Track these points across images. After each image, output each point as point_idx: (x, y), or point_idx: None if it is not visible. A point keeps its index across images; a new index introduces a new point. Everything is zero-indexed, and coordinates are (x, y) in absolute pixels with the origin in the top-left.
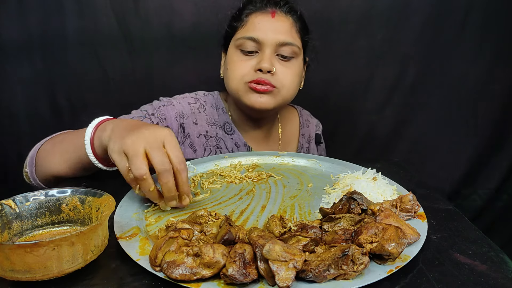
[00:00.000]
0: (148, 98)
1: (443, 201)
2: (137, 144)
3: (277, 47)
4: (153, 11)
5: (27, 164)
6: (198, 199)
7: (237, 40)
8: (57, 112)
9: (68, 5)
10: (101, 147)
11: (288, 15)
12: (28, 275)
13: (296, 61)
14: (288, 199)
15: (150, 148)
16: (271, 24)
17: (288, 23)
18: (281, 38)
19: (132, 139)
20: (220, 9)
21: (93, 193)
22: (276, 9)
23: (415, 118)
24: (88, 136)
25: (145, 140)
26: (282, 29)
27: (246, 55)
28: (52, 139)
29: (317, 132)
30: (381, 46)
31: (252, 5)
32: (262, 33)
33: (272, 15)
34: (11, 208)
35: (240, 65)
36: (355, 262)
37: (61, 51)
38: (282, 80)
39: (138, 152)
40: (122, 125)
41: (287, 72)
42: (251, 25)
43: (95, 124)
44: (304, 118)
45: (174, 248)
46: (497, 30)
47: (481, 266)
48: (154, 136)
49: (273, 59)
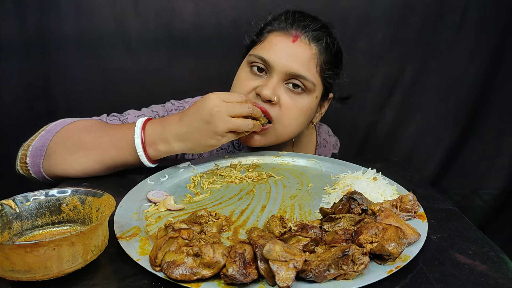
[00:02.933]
0: (147, 98)
1: (443, 201)
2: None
3: (287, 76)
4: (153, 11)
5: (29, 155)
6: (198, 199)
7: (250, 56)
8: (55, 112)
9: (67, 5)
10: (164, 142)
11: (312, 44)
12: (28, 275)
13: (307, 98)
14: (288, 199)
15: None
16: (288, 49)
17: (309, 53)
18: (293, 67)
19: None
20: (220, 9)
21: (93, 193)
22: (300, 33)
23: (415, 118)
24: (138, 135)
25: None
26: (299, 58)
27: (254, 74)
28: (68, 132)
29: (333, 151)
30: (380, 46)
31: (276, 23)
32: (275, 56)
33: (294, 40)
34: (11, 208)
35: (243, 83)
36: (355, 262)
37: (60, 51)
38: (282, 114)
39: (226, 124)
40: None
41: (292, 106)
42: (268, 44)
43: (142, 122)
44: (322, 136)
45: (174, 248)
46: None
47: (481, 266)
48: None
49: (279, 88)
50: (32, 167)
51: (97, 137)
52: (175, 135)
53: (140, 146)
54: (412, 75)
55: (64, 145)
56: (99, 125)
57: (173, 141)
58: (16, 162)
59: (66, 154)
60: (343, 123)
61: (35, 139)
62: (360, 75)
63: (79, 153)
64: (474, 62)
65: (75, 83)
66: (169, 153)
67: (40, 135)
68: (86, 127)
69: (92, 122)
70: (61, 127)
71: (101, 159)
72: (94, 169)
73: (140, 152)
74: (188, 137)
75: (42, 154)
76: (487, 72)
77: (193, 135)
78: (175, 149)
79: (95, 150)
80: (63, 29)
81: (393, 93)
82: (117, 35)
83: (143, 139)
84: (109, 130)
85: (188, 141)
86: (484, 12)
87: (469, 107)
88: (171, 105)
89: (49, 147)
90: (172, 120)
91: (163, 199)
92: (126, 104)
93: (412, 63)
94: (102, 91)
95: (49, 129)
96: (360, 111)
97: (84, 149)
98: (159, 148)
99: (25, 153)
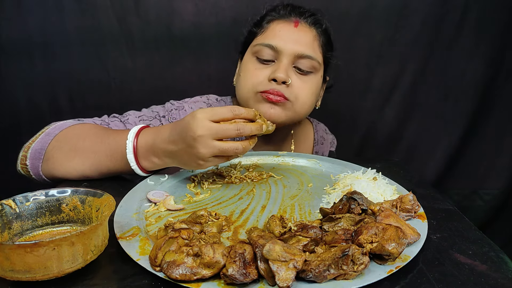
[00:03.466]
0: (148, 98)
1: (443, 201)
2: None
3: (295, 58)
4: (154, 11)
5: (29, 157)
6: (198, 199)
7: (255, 47)
8: (58, 112)
9: (69, 5)
10: (158, 158)
11: (312, 27)
12: (28, 275)
13: (315, 77)
14: (288, 199)
15: None
16: (292, 34)
17: (311, 35)
18: (300, 49)
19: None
20: (220, 9)
21: (93, 193)
22: (300, 19)
23: (415, 118)
24: (130, 149)
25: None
26: (303, 41)
27: (262, 64)
28: (66, 137)
29: (330, 149)
30: (380, 45)
31: (275, 12)
32: (281, 41)
33: (295, 24)
34: (11, 208)
35: (254, 73)
36: (355, 262)
37: (62, 51)
38: (297, 93)
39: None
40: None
41: (304, 86)
42: (271, 32)
43: (134, 133)
44: (319, 134)
45: (174, 248)
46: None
47: (481, 266)
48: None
49: (290, 71)
50: (32, 169)
51: (92, 145)
52: (164, 151)
53: (133, 160)
54: (412, 75)
55: (62, 150)
56: (96, 130)
57: (163, 157)
58: (17, 162)
59: (63, 159)
60: (343, 123)
61: (35, 141)
62: (360, 75)
63: (75, 160)
64: (474, 62)
65: (77, 82)
66: (163, 166)
67: (40, 137)
68: (83, 133)
69: (90, 126)
70: (60, 130)
71: (96, 168)
72: (90, 175)
73: (134, 166)
74: (176, 156)
75: (41, 158)
76: (487, 72)
77: (179, 155)
78: (167, 163)
79: (91, 159)
80: (65, 29)
81: (393, 93)
82: (118, 35)
83: (135, 152)
84: (104, 138)
85: (176, 159)
86: (484, 12)
87: (469, 107)
88: (170, 105)
89: (47, 151)
90: (162, 134)
91: (163, 199)
92: (127, 103)
93: (412, 63)
94: (103, 91)
95: (48, 132)
96: (360, 111)
97: (80, 156)
98: (152, 160)
99: (25, 154)
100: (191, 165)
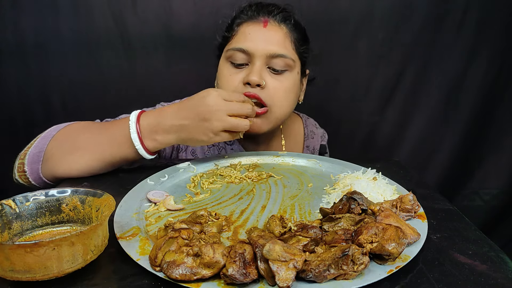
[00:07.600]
0: (145, 99)
1: (443, 201)
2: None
3: (268, 59)
4: (151, 11)
5: (27, 162)
6: (198, 199)
7: (227, 52)
8: (53, 113)
9: (64, 5)
10: (164, 131)
11: (282, 24)
12: (28, 275)
13: (290, 75)
14: (288, 199)
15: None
16: (262, 34)
17: (282, 33)
18: (272, 49)
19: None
20: (219, 9)
21: (93, 193)
22: (268, 18)
23: (415, 118)
24: (133, 129)
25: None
26: (274, 40)
27: (236, 68)
28: (64, 135)
29: (321, 143)
30: (381, 46)
31: (244, 14)
32: (252, 44)
33: (264, 24)
34: (11, 208)
35: (229, 79)
36: (355, 262)
37: (57, 52)
38: (273, 95)
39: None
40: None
41: (279, 86)
42: (242, 36)
43: (136, 116)
44: (309, 129)
45: (174, 248)
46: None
47: (481, 266)
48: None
49: (264, 72)
50: (31, 174)
51: (93, 136)
52: (171, 126)
53: (137, 139)
54: (412, 76)
55: (62, 147)
56: (94, 125)
57: (168, 132)
58: (13, 172)
59: (64, 155)
60: (343, 123)
61: (31, 147)
62: (361, 76)
63: (77, 153)
64: (475, 62)
65: (72, 84)
66: (167, 143)
67: (36, 142)
68: (81, 128)
69: (86, 123)
70: (56, 132)
71: (99, 157)
72: (93, 167)
73: (138, 145)
74: (183, 130)
75: (39, 160)
76: (488, 72)
77: (187, 129)
78: (171, 140)
79: (93, 149)
80: (61, 30)
81: (394, 93)
82: (115, 36)
83: (139, 132)
84: (104, 128)
85: (182, 133)
86: (484, 12)
87: (470, 107)
88: (161, 107)
89: (46, 152)
90: (168, 112)
91: (163, 199)
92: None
93: (412, 63)
94: (100, 93)
95: (44, 136)
96: (360, 111)
97: (82, 149)
98: (156, 138)
99: (22, 161)
100: (198, 139)
